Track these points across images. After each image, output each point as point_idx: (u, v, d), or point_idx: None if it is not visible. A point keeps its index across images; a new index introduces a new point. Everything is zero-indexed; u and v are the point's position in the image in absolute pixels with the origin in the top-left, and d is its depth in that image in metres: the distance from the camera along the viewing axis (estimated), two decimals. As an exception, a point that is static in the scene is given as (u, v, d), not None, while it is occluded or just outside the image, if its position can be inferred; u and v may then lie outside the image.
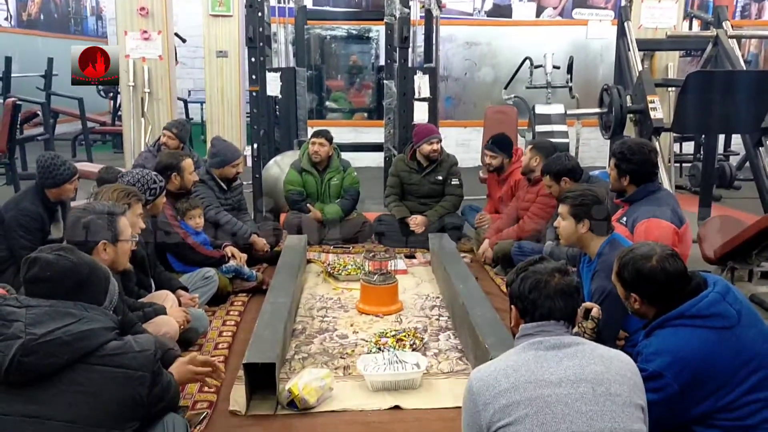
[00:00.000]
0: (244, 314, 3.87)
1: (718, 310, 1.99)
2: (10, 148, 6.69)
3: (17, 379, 1.68)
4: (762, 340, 2.01)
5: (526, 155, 4.70)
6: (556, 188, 4.01)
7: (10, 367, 1.65)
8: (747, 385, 1.94)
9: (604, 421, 1.56)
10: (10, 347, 1.66)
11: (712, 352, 1.94)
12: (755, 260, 4.27)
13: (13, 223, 3.67)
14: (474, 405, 1.64)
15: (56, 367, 1.70)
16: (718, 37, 5.95)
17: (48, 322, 1.72)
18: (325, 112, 10.55)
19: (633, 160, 3.32)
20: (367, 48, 10.71)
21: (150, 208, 3.48)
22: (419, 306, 4.04)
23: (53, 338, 1.69)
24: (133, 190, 3.20)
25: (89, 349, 1.74)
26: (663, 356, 1.97)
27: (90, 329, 1.76)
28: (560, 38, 9.75)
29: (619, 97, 5.57)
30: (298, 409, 2.73)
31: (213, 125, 8.64)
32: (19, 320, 1.71)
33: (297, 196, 5.40)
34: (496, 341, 2.87)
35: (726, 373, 1.94)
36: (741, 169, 8.12)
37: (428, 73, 5.79)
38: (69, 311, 1.77)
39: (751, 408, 1.93)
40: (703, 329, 1.97)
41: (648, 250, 2.12)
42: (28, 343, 1.67)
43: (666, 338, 2.01)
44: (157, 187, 3.55)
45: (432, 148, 5.28)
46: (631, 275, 2.12)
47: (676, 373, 1.93)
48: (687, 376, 1.93)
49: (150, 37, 6.92)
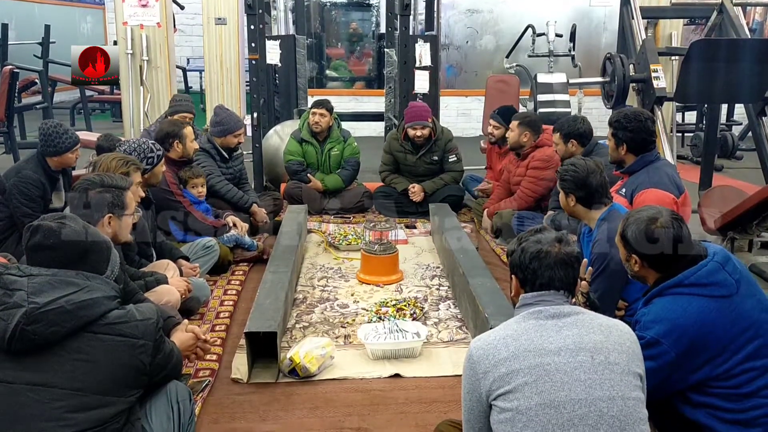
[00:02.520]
0: (245, 284, 3.89)
1: (716, 279, 2.00)
2: (8, 117, 6.66)
3: (20, 348, 1.68)
4: (759, 310, 2.02)
5: (514, 131, 4.69)
6: (563, 148, 4.05)
7: (13, 335, 1.66)
8: (743, 354, 1.95)
9: (602, 389, 1.58)
10: (12, 316, 1.66)
11: (710, 321, 1.95)
12: (755, 230, 4.28)
13: (15, 190, 3.67)
14: (474, 373, 1.65)
15: (59, 335, 1.70)
16: (722, 5, 5.86)
17: (50, 290, 1.72)
18: (325, 80, 10.47)
19: (629, 128, 3.31)
20: (367, 15, 10.59)
21: (149, 177, 3.45)
22: (419, 276, 4.06)
23: (56, 307, 1.69)
24: (131, 158, 3.18)
25: (92, 317, 1.74)
26: (661, 324, 1.98)
27: (92, 298, 1.76)
28: (563, 6, 9.63)
29: (622, 65, 5.52)
30: (299, 377, 2.76)
31: (212, 94, 8.57)
32: (22, 289, 1.71)
33: (297, 165, 5.39)
34: (495, 310, 2.89)
35: (722, 341, 1.95)
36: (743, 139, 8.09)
37: (429, 41, 5.73)
38: (71, 280, 1.77)
39: (748, 376, 1.95)
40: (701, 297, 1.98)
41: (654, 213, 2.12)
42: (30, 312, 1.67)
43: (664, 306, 2.02)
44: (154, 156, 3.51)
45: (415, 133, 5.21)
46: (634, 235, 2.11)
47: (673, 340, 1.95)
48: (684, 343, 1.94)
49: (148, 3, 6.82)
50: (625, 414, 1.57)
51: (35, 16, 10.75)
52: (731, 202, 4.33)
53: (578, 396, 1.57)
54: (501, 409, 1.60)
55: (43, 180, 3.75)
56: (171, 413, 1.99)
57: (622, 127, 3.32)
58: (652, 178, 3.25)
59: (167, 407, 1.99)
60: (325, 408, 2.59)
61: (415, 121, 5.17)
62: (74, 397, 1.70)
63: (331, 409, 2.58)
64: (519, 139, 4.66)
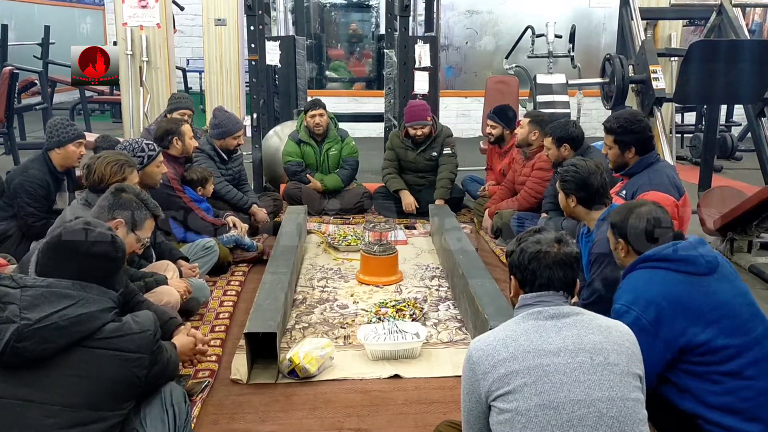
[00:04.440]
0: (245, 284, 3.89)
1: (685, 256, 2.08)
2: (8, 117, 6.65)
3: (12, 363, 1.64)
4: (733, 294, 2.07)
5: (524, 128, 4.68)
6: (555, 152, 4.04)
7: (4, 352, 1.62)
8: (717, 328, 1.99)
9: (602, 390, 1.58)
10: (3, 332, 1.62)
11: (677, 291, 2.03)
12: (755, 231, 4.28)
13: (20, 189, 3.68)
14: (473, 374, 1.65)
15: (52, 351, 1.66)
16: (722, 6, 5.87)
17: (44, 305, 1.68)
18: (325, 81, 10.47)
19: (635, 129, 3.28)
20: (367, 16, 10.60)
21: (142, 176, 3.43)
22: (419, 276, 4.06)
23: (49, 323, 1.65)
24: (125, 159, 3.15)
25: (86, 332, 1.70)
26: (629, 294, 2.10)
27: (87, 312, 1.72)
28: (562, 7, 9.64)
29: (622, 66, 5.53)
30: (299, 378, 2.76)
31: (212, 95, 8.58)
32: (14, 303, 1.67)
33: (296, 166, 5.39)
34: (495, 311, 2.89)
35: (694, 312, 2.01)
36: (742, 140, 8.10)
37: (429, 42, 5.73)
38: (66, 292, 1.73)
39: (727, 353, 1.98)
40: (668, 271, 2.07)
41: (642, 203, 2.31)
42: (22, 329, 1.63)
43: (633, 278, 2.15)
44: (144, 155, 3.51)
45: (415, 132, 5.24)
46: (619, 218, 2.28)
47: (641, 308, 2.03)
48: (653, 310, 2.01)
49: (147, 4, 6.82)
50: (624, 415, 1.57)
51: (35, 17, 10.75)
52: (731, 203, 4.33)
53: (577, 397, 1.57)
54: (500, 410, 1.60)
55: (48, 179, 3.76)
56: (166, 417, 1.97)
57: (628, 131, 3.28)
58: (652, 180, 3.23)
59: (161, 412, 1.97)
60: (325, 409, 2.59)
61: (414, 121, 5.19)
62: (66, 413, 1.66)
63: (331, 409, 2.58)
64: (527, 137, 4.64)
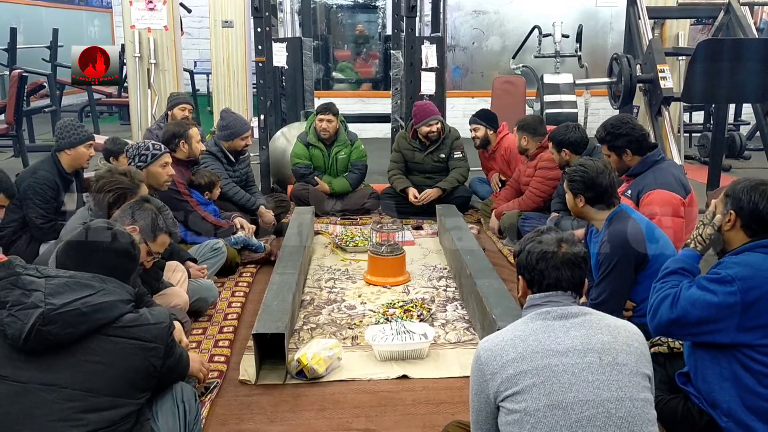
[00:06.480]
0: (253, 285, 3.90)
1: None
2: (17, 120, 6.69)
3: (35, 348, 1.70)
4: None
5: (516, 136, 4.81)
6: (557, 157, 4.12)
7: (29, 335, 1.68)
8: None
9: (610, 390, 1.58)
10: (29, 316, 1.69)
11: None
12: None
13: (29, 190, 3.70)
14: (481, 374, 1.65)
15: (73, 337, 1.73)
16: (729, 5, 5.85)
17: (67, 293, 1.75)
18: (332, 82, 10.48)
19: (623, 132, 3.33)
20: (373, 17, 10.60)
21: (148, 177, 3.46)
22: (426, 277, 4.06)
23: (72, 309, 1.72)
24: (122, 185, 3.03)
25: (106, 320, 1.77)
26: (744, 268, 2.01)
27: (108, 301, 1.79)
28: (569, 6, 9.61)
29: (629, 66, 5.51)
30: (307, 379, 2.77)
31: (219, 96, 8.62)
32: (39, 290, 1.73)
33: (304, 169, 5.40)
34: (503, 311, 2.89)
35: None
36: (751, 138, 8.06)
37: (436, 43, 5.73)
38: (88, 283, 1.80)
39: None
40: None
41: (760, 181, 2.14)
42: (47, 313, 1.69)
43: (754, 258, 2.05)
44: (148, 154, 3.57)
45: (430, 129, 5.24)
46: (742, 191, 2.10)
47: (746, 287, 1.98)
48: (753, 296, 1.97)
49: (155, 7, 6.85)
50: (633, 415, 1.57)
51: (43, 20, 10.81)
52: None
53: (586, 397, 1.57)
54: (509, 411, 1.60)
55: (57, 181, 3.79)
56: (177, 412, 2.03)
57: (616, 136, 3.34)
58: (658, 179, 3.23)
59: (173, 406, 2.03)
60: (333, 409, 2.59)
61: (428, 117, 5.21)
62: (86, 398, 1.72)
63: (339, 410, 2.59)
64: (521, 144, 4.75)
